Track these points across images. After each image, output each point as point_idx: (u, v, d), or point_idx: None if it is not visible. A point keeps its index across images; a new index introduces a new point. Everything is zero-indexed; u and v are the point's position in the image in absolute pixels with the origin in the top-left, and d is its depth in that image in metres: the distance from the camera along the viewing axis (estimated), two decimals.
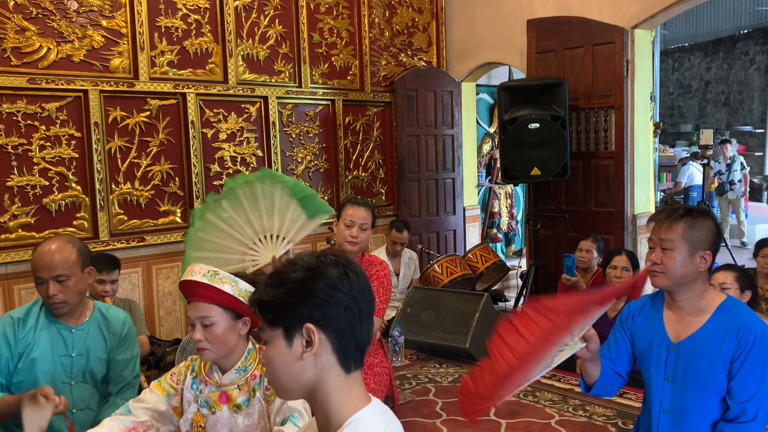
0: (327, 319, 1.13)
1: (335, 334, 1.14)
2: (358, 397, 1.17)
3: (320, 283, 1.13)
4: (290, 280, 1.15)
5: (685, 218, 1.89)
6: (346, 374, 1.16)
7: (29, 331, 2.30)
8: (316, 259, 1.17)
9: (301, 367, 1.14)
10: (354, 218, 3.07)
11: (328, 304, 1.13)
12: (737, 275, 2.91)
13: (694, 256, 1.88)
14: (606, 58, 4.95)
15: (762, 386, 1.81)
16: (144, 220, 4.48)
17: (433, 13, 6.25)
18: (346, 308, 1.14)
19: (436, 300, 4.71)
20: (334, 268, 1.15)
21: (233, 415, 1.92)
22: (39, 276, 2.27)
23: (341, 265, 1.16)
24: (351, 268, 1.17)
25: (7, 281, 3.93)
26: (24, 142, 3.98)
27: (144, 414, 1.93)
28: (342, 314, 1.14)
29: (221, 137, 4.83)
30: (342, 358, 1.15)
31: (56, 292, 2.26)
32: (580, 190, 5.19)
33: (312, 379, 1.15)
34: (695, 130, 13.34)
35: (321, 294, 1.13)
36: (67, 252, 2.30)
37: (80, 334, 2.38)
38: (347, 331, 1.14)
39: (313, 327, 1.13)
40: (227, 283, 1.84)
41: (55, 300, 2.28)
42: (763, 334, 1.82)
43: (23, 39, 3.95)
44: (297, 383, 1.16)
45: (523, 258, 6.53)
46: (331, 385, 1.15)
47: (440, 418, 3.55)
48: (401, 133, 5.86)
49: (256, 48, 4.97)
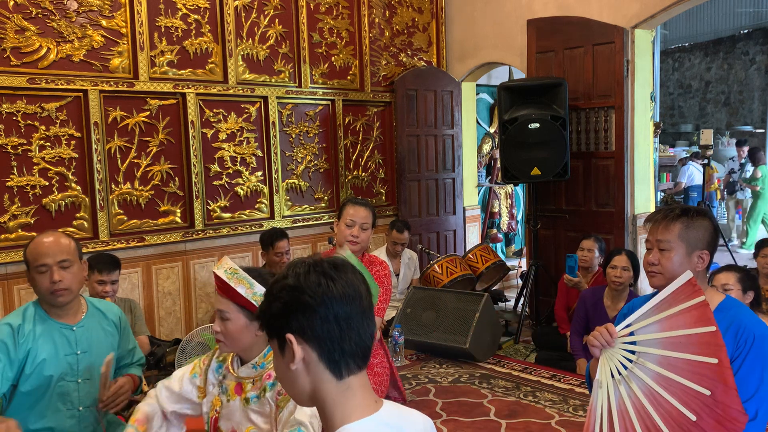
0: (305, 329, 1.12)
1: (316, 342, 1.12)
2: (356, 405, 1.14)
3: (297, 292, 1.12)
4: (273, 291, 1.16)
5: (681, 218, 1.89)
6: (338, 380, 1.14)
7: (28, 335, 2.27)
8: (296, 267, 1.16)
9: (295, 376, 1.15)
10: (354, 218, 3.08)
11: (305, 314, 1.12)
12: (739, 276, 2.90)
13: (691, 256, 1.88)
14: (606, 58, 4.95)
15: (761, 386, 1.81)
16: (144, 220, 4.48)
17: (433, 13, 6.25)
18: (324, 316, 1.12)
19: (436, 300, 4.71)
20: (313, 276, 1.13)
21: (244, 408, 1.96)
22: (42, 263, 2.24)
23: (320, 272, 1.14)
24: (330, 274, 1.14)
25: (7, 281, 3.93)
26: (24, 142, 3.98)
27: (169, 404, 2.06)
28: (320, 323, 1.12)
29: (221, 137, 4.83)
30: (330, 365, 1.14)
31: (61, 277, 2.25)
32: (580, 190, 5.19)
33: (308, 387, 1.15)
34: (695, 130, 13.34)
35: (297, 303, 1.12)
36: (67, 239, 2.34)
37: (82, 331, 2.37)
38: (328, 339, 1.12)
39: (292, 337, 1.12)
40: (242, 284, 1.87)
41: (60, 286, 2.25)
42: (762, 334, 1.82)
43: (23, 39, 3.95)
44: (297, 391, 1.17)
45: (523, 258, 6.53)
46: (324, 392, 1.14)
47: (440, 418, 3.55)
48: (401, 133, 5.86)
49: (256, 48, 4.97)
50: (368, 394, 1.17)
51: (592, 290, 4.15)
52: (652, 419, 1.63)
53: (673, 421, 1.60)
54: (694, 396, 1.61)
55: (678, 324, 1.67)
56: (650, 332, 1.69)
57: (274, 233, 4.59)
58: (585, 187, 5.17)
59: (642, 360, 1.69)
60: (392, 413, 1.19)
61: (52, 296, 2.28)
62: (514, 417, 3.52)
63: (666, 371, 1.64)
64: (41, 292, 2.29)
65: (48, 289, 2.27)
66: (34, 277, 2.27)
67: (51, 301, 2.31)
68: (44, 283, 2.26)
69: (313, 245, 5.36)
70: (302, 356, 1.12)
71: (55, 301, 2.30)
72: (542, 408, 3.64)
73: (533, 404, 3.71)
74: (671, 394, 1.62)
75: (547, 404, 3.70)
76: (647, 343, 1.69)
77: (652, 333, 1.69)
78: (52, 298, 2.29)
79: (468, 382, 4.11)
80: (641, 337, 1.71)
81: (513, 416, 3.54)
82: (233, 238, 4.90)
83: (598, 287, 4.15)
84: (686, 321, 1.66)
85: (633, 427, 1.63)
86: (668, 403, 1.62)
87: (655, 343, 1.67)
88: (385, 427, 1.15)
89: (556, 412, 3.59)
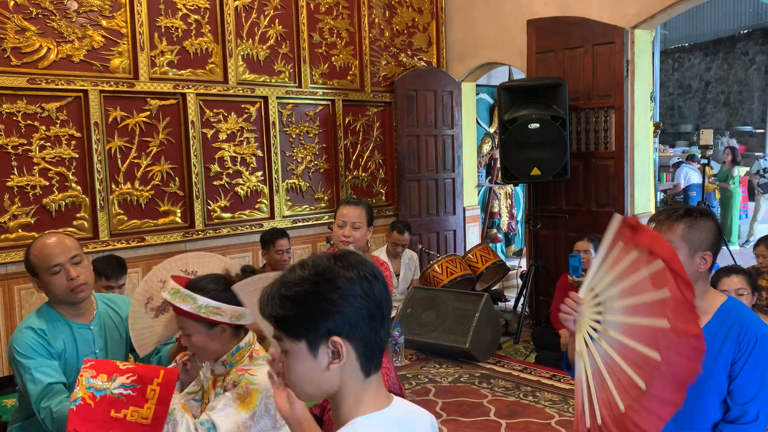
0: (352, 329, 1.10)
1: (360, 342, 1.12)
2: (371, 401, 1.16)
3: (339, 292, 1.09)
4: (306, 292, 1.10)
5: (684, 219, 1.88)
6: (365, 378, 1.15)
7: (52, 338, 2.23)
8: (327, 263, 1.12)
9: (327, 378, 1.12)
10: (345, 218, 3.04)
11: (351, 314, 1.10)
12: (747, 278, 2.90)
13: (694, 257, 1.87)
14: (606, 58, 4.95)
15: (763, 387, 1.81)
16: (144, 220, 4.48)
17: (433, 13, 6.25)
18: (369, 314, 1.11)
19: (436, 300, 4.71)
20: (348, 272, 1.11)
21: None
22: (55, 263, 2.19)
23: (354, 267, 1.12)
24: (365, 270, 1.13)
25: (7, 281, 3.93)
26: (24, 142, 3.98)
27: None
28: (365, 321, 1.11)
29: (221, 137, 4.83)
30: (365, 363, 1.14)
31: (78, 273, 2.21)
32: (580, 190, 5.19)
33: (336, 387, 1.14)
34: (695, 130, 13.35)
35: (343, 304, 1.09)
36: (69, 237, 2.33)
37: (97, 329, 2.36)
38: (372, 337, 1.12)
39: (340, 340, 1.09)
40: (186, 302, 1.89)
41: (79, 281, 2.22)
42: (764, 335, 1.82)
43: (23, 39, 3.95)
44: (321, 391, 1.15)
45: (523, 258, 6.53)
46: (350, 389, 1.14)
47: (440, 418, 3.55)
48: (401, 133, 5.86)
49: (256, 48, 4.97)
50: (383, 389, 1.18)
51: None
52: (622, 371, 1.59)
53: (640, 370, 1.56)
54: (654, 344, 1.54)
55: (637, 288, 1.61)
56: (610, 290, 1.64)
57: (275, 232, 4.60)
58: (585, 187, 5.17)
59: (607, 317, 1.65)
60: (403, 408, 1.21)
61: (72, 294, 2.23)
62: (514, 417, 3.53)
63: (623, 336, 1.60)
64: (59, 293, 2.23)
65: (67, 288, 2.22)
66: (48, 280, 2.21)
67: (71, 299, 2.26)
68: (61, 282, 2.21)
69: (313, 245, 5.36)
70: (346, 356, 1.11)
71: (76, 298, 2.25)
72: (542, 408, 3.65)
73: (533, 404, 3.71)
74: (626, 352, 1.58)
75: (547, 404, 3.70)
76: (609, 304, 1.64)
77: (612, 290, 1.63)
78: (72, 296, 2.24)
79: (468, 382, 4.11)
80: (604, 295, 1.66)
81: (513, 416, 3.54)
82: (233, 238, 4.90)
83: None
84: (644, 283, 1.59)
85: (606, 385, 1.60)
86: (631, 351, 1.57)
87: (617, 309, 1.63)
88: (396, 422, 1.16)
89: (556, 412, 3.59)
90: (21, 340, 2.18)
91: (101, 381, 1.79)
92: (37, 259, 2.22)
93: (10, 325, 3.93)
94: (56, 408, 2.06)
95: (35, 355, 2.16)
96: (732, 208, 9.05)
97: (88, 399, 1.75)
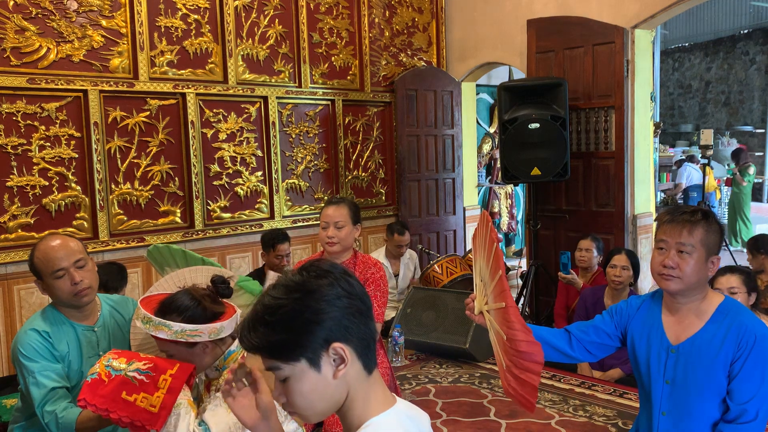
0: (346, 330, 1.10)
1: (357, 340, 1.12)
2: (380, 399, 1.16)
3: (324, 299, 1.09)
4: (293, 310, 1.09)
5: (702, 222, 1.84)
6: (368, 375, 1.15)
7: (56, 340, 2.22)
8: (300, 278, 1.12)
9: (335, 387, 1.11)
10: (328, 218, 2.98)
11: (341, 316, 1.10)
12: (743, 278, 2.90)
13: (707, 261, 1.86)
14: (606, 58, 4.95)
15: (762, 387, 1.81)
16: (144, 220, 4.48)
17: (433, 13, 6.25)
18: (357, 310, 1.12)
19: (436, 300, 4.71)
20: (323, 278, 1.11)
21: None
22: (59, 268, 2.18)
23: (326, 272, 1.13)
24: (336, 270, 1.14)
25: (7, 281, 3.93)
26: (24, 142, 3.98)
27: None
28: (356, 318, 1.12)
29: (221, 137, 4.83)
30: (366, 361, 1.14)
31: (81, 277, 2.20)
32: (580, 190, 5.19)
33: (344, 393, 1.13)
34: (695, 130, 13.35)
35: (331, 309, 1.09)
36: (72, 239, 2.29)
37: (101, 331, 2.35)
38: (365, 331, 1.13)
39: (340, 344, 1.09)
40: (161, 329, 1.88)
41: (83, 286, 2.20)
42: (763, 335, 1.82)
43: (23, 39, 3.95)
44: (332, 403, 1.13)
45: (523, 258, 6.53)
46: (358, 391, 1.13)
47: (440, 418, 3.55)
48: (401, 133, 5.86)
49: (256, 48, 4.97)
50: (385, 386, 1.19)
51: (593, 290, 4.15)
52: (498, 332, 1.69)
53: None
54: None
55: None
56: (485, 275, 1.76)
57: (276, 235, 4.44)
58: (585, 187, 5.17)
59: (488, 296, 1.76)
60: (407, 405, 1.21)
61: (75, 298, 2.22)
62: (514, 417, 3.52)
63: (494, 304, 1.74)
64: (63, 297, 2.22)
65: (71, 292, 2.20)
66: (52, 284, 2.20)
67: (75, 303, 2.25)
68: (65, 287, 2.19)
69: (312, 245, 5.36)
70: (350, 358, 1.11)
71: (80, 302, 2.24)
72: (542, 408, 3.64)
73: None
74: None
75: (547, 404, 3.70)
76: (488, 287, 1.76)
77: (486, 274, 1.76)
78: (76, 300, 2.23)
79: (468, 382, 4.11)
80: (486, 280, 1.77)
81: (513, 416, 3.54)
82: (233, 239, 4.90)
83: (598, 287, 4.15)
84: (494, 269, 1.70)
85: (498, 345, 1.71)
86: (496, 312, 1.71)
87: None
88: (406, 419, 1.17)
89: (556, 412, 3.59)
90: (25, 342, 2.18)
91: (119, 363, 1.85)
92: (41, 263, 2.21)
93: (10, 325, 3.93)
94: (62, 414, 2.07)
95: (39, 358, 2.16)
96: (743, 208, 8.85)
97: (104, 375, 1.82)
